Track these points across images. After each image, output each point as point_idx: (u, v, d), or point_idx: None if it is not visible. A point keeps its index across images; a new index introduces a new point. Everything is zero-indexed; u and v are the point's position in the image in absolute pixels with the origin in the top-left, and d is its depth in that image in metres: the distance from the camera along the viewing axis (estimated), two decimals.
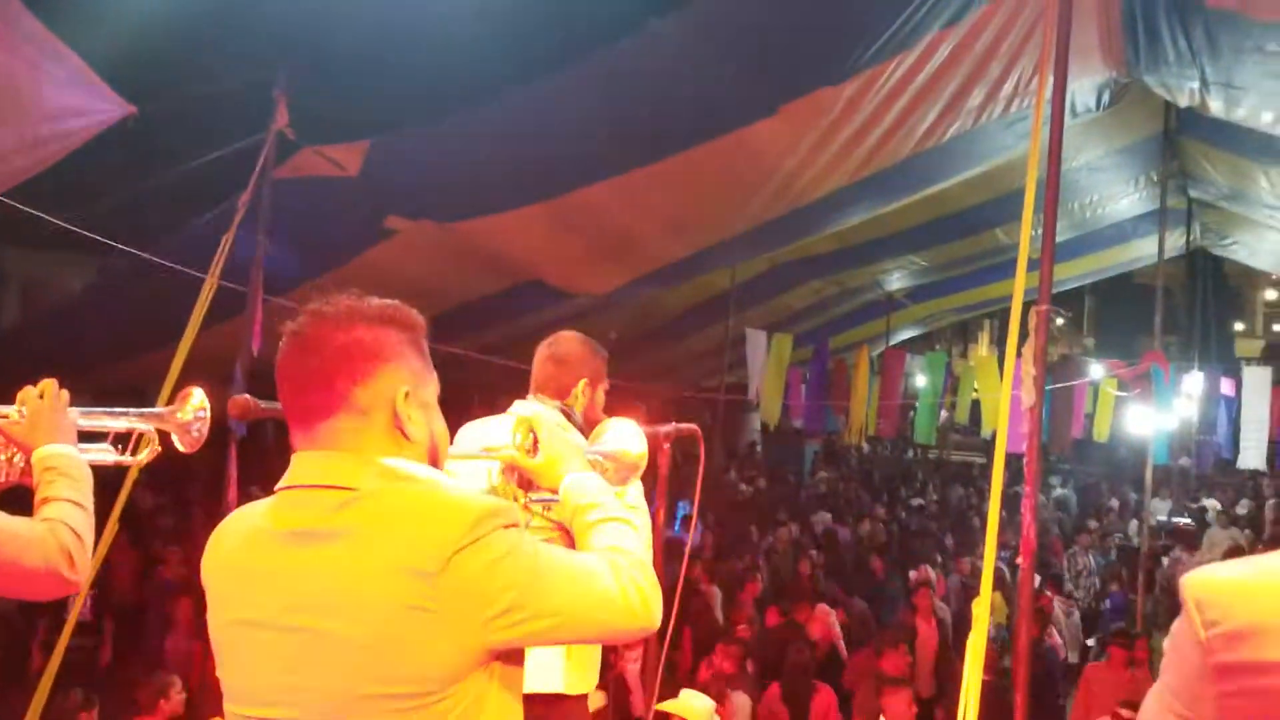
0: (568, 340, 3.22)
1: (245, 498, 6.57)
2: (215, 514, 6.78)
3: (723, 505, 14.30)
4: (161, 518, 10.97)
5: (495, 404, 3.24)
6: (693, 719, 5.33)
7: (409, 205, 7.76)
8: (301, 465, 1.52)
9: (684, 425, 2.05)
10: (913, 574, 11.18)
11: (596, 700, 5.10)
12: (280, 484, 1.54)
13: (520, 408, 3.07)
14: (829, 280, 14.96)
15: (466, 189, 7.66)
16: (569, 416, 3.06)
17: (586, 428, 3.05)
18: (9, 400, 2.20)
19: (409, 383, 1.55)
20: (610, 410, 2.79)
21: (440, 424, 1.63)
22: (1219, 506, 17.38)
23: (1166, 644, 1.31)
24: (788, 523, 13.14)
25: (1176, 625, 1.29)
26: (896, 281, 16.06)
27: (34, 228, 6.05)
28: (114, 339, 8.92)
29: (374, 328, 1.53)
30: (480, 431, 3.04)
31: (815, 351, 16.47)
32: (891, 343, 18.42)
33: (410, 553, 1.38)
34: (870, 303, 16.81)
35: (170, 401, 2.37)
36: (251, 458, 6.73)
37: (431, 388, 1.61)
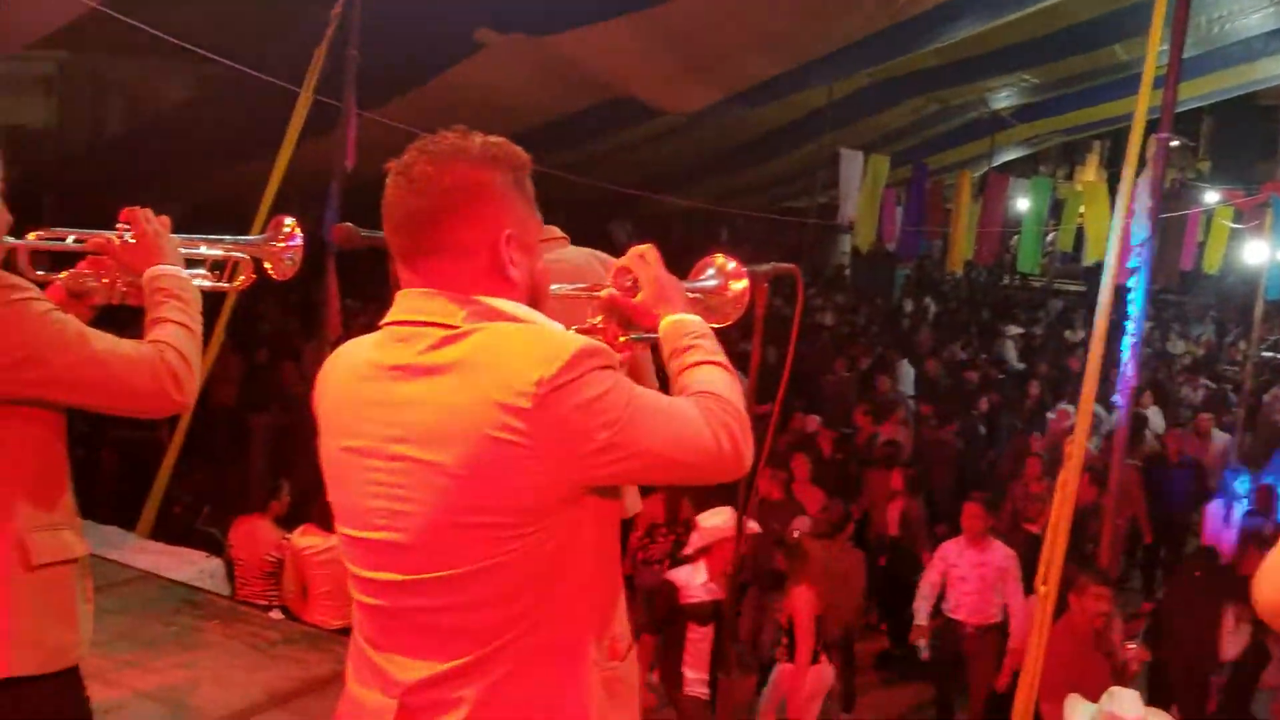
0: None
1: (344, 311, 6.74)
2: (315, 323, 6.93)
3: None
4: (263, 323, 11.36)
5: (583, 220, 3.15)
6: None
7: (500, 17, 7.60)
8: (405, 302, 1.56)
9: (782, 265, 1.97)
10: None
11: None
12: (385, 319, 1.59)
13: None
14: (930, 97, 14.41)
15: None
16: None
17: None
18: (117, 210, 2.25)
19: (512, 225, 1.56)
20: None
21: (541, 265, 1.65)
22: None
23: None
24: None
25: None
26: (1003, 100, 15.40)
27: (133, 36, 6.07)
28: (212, 151, 9.03)
29: (478, 168, 1.54)
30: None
31: (913, 173, 16.00)
32: (994, 164, 17.78)
33: (506, 387, 1.42)
34: (973, 122, 16.21)
35: (265, 227, 2.42)
36: (350, 270, 6.83)
37: (534, 229, 1.63)
